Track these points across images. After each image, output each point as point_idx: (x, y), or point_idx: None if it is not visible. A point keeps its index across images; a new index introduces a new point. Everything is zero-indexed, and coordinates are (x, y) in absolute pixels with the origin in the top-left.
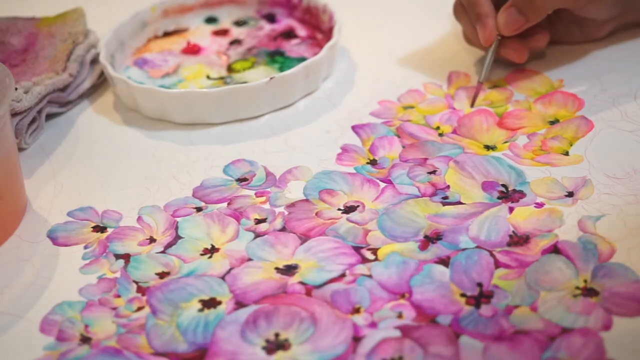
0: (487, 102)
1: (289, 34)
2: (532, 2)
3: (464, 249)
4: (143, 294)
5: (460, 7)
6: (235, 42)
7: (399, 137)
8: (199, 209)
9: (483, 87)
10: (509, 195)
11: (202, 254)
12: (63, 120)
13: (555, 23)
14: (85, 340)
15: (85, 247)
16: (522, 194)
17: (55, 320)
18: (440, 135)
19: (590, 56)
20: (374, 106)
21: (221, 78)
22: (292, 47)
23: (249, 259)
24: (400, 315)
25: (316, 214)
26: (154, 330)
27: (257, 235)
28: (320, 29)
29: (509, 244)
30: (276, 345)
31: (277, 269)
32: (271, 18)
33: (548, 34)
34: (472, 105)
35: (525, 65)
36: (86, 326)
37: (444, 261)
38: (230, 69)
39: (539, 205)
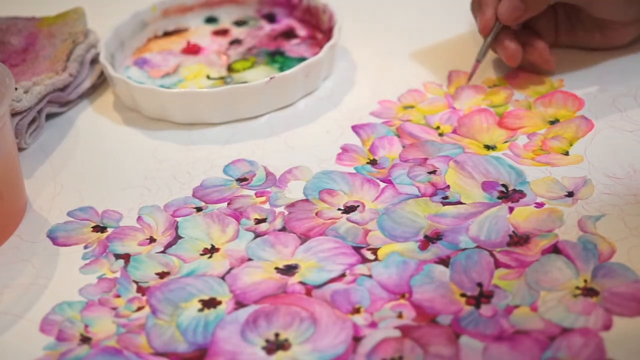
0: (487, 102)
1: (289, 34)
2: None
3: (464, 249)
4: (143, 294)
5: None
6: (235, 42)
7: (399, 137)
8: (199, 209)
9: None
10: (509, 195)
11: (202, 254)
12: (63, 120)
13: (575, 25)
14: (85, 340)
15: (85, 247)
16: (522, 194)
17: (55, 320)
18: (440, 135)
19: (591, 56)
20: (374, 106)
21: (221, 78)
22: (292, 47)
23: (249, 259)
24: (400, 315)
25: (316, 214)
26: (154, 330)
27: (257, 235)
28: (320, 29)
29: (509, 244)
30: (276, 345)
31: (277, 269)
32: (271, 18)
33: (547, 48)
34: (468, 81)
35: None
36: (86, 326)
37: (444, 261)
38: (230, 68)
39: (539, 205)
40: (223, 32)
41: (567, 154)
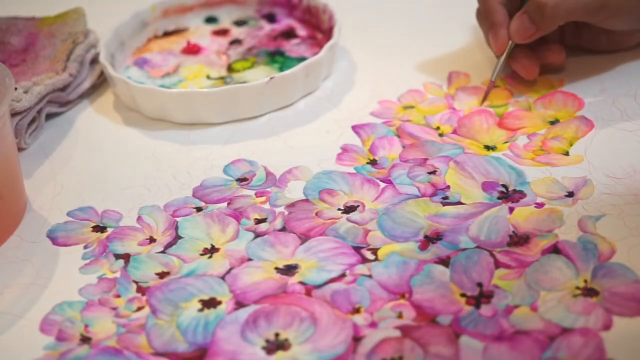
0: (487, 103)
1: (289, 34)
2: (542, 12)
3: (464, 249)
4: (143, 294)
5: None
6: (235, 42)
7: (399, 137)
8: (199, 209)
9: (496, 85)
10: (509, 196)
11: (202, 254)
12: (63, 120)
13: (582, 30)
14: (85, 340)
15: (85, 247)
16: (522, 194)
17: (55, 320)
18: (440, 135)
19: (591, 56)
20: (374, 106)
21: (221, 78)
22: (292, 47)
23: (249, 259)
24: (400, 315)
25: (316, 214)
26: (154, 330)
27: (257, 235)
28: (320, 29)
29: (509, 244)
30: (276, 345)
31: (277, 269)
32: (271, 18)
33: (564, 50)
34: (482, 102)
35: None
36: (86, 326)
37: (444, 261)
38: (230, 68)
39: (539, 205)
40: (223, 32)
41: (567, 154)
